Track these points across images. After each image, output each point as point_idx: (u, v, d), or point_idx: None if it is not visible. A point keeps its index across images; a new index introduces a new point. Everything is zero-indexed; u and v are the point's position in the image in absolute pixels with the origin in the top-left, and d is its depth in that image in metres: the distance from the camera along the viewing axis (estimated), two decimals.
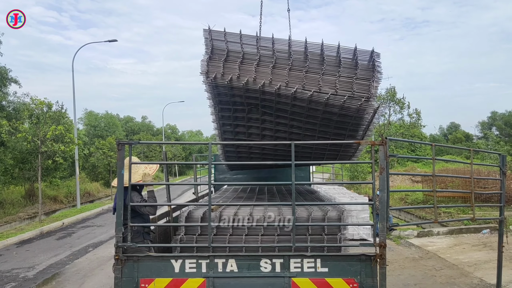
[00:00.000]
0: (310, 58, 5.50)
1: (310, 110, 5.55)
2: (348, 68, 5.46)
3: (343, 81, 5.35)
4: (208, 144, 4.24)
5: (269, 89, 5.38)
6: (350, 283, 4.07)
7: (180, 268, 4.20)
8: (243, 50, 5.61)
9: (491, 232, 13.45)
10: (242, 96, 5.70)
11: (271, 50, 5.64)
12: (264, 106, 5.86)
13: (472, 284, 8.53)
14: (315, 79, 5.38)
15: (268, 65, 5.49)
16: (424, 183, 24.02)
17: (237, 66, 5.47)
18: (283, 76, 5.42)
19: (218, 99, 5.93)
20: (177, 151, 56.18)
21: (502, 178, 5.42)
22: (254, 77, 5.37)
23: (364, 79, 5.36)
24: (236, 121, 6.37)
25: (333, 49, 5.68)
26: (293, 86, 5.29)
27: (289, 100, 5.45)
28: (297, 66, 5.50)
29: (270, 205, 5.31)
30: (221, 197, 7.02)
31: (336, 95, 5.23)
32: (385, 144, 4.02)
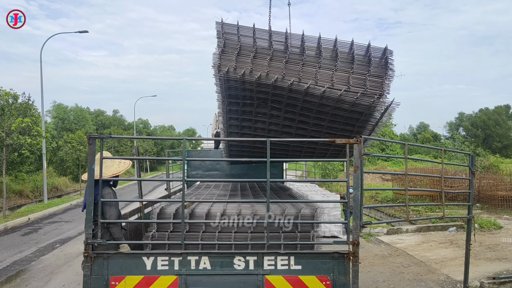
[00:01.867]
0: (323, 54, 5.49)
1: (320, 105, 5.56)
2: (361, 65, 5.49)
3: (356, 77, 5.37)
4: (182, 140, 4.17)
5: (281, 84, 5.34)
6: (323, 281, 4.08)
7: (152, 265, 4.12)
8: (256, 44, 5.55)
9: (457, 230, 13.85)
10: (252, 91, 5.64)
11: (284, 44, 5.61)
12: (273, 101, 5.82)
13: (438, 280, 8.75)
14: (328, 75, 5.39)
15: (281, 60, 5.45)
16: (394, 181, 24.53)
17: (250, 60, 5.41)
18: (295, 71, 5.40)
19: (228, 93, 5.84)
20: (148, 146, 55.39)
21: (471, 178, 5.57)
22: (267, 72, 5.33)
23: (377, 76, 5.39)
24: (243, 115, 6.32)
25: (346, 45, 5.70)
26: (306, 81, 5.28)
27: (300, 95, 5.44)
28: (310, 62, 5.48)
29: (244, 202, 5.28)
30: (193, 194, 6.94)
31: (349, 91, 5.25)
32: (359, 142, 4.04)
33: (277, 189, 8.00)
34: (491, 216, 15.95)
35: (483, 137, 59.70)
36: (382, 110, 5.47)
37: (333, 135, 6.09)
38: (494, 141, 59.53)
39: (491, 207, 17.86)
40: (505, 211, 17.38)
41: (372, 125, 5.84)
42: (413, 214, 16.77)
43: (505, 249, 11.05)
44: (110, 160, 4.79)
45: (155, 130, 75.65)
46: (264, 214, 4.90)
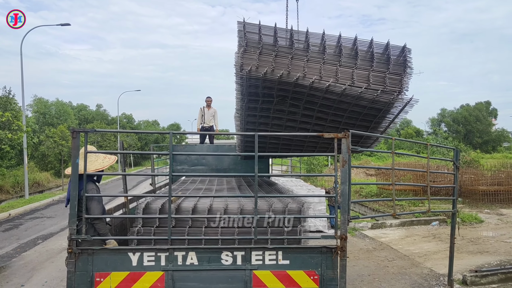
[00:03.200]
0: (344, 53, 5.59)
1: (339, 103, 5.66)
2: (380, 63, 5.61)
3: (376, 75, 5.48)
4: (169, 134, 4.10)
5: (303, 83, 5.41)
6: (311, 275, 4.08)
7: (138, 261, 4.05)
8: (278, 43, 5.60)
9: (440, 224, 14.06)
10: (273, 89, 5.70)
11: (304, 43, 5.67)
12: (293, 98, 5.88)
13: (422, 274, 8.87)
14: (349, 73, 5.50)
15: (302, 59, 5.54)
16: (378, 176, 24.79)
17: (271, 59, 5.47)
18: (316, 69, 5.48)
19: (248, 91, 5.87)
20: (132, 141, 54.83)
21: (455, 172, 5.63)
22: (289, 70, 5.39)
23: (396, 74, 5.51)
24: (261, 112, 6.36)
25: (365, 44, 5.82)
26: (327, 80, 5.37)
27: (321, 93, 5.52)
28: (330, 60, 5.58)
29: (231, 197, 5.24)
30: (179, 189, 6.87)
31: (369, 89, 5.36)
32: (347, 137, 4.04)
33: (263, 184, 7.99)
34: (472, 211, 16.24)
35: (464, 133, 60.74)
36: (400, 107, 5.62)
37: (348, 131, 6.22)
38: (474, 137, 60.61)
39: (472, 202, 18.18)
40: (486, 205, 17.71)
41: (388, 121, 5.99)
42: (396, 208, 16.97)
43: (486, 243, 11.26)
44: (94, 154, 4.69)
45: (139, 125, 74.90)
46: (251, 209, 4.89)
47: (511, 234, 12.29)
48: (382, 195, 19.96)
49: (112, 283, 4.03)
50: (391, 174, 4.75)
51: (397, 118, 5.99)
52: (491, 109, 72.18)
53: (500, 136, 63.96)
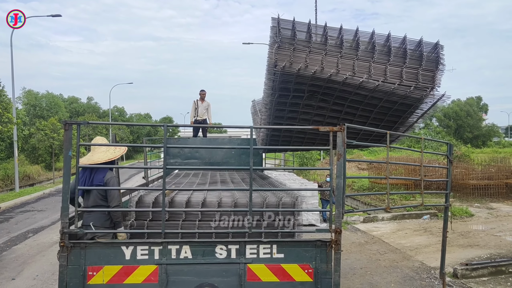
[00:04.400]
0: (377, 49, 5.63)
1: (370, 98, 5.71)
2: (413, 59, 5.68)
3: (409, 71, 5.54)
4: (163, 126, 4.06)
5: (336, 79, 5.44)
6: (305, 269, 4.08)
7: (131, 255, 4.02)
8: (311, 40, 5.61)
9: (431, 218, 14.18)
10: (305, 84, 5.72)
11: (337, 39, 5.70)
12: (323, 94, 5.91)
13: (413, 267, 8.94)
14: (381, 69, 5.55)
15: (335, 55, 5.57)
16: (370, 170, 24.91)
17: (305, 55, 5.48)
18: (349, 65, 5.53)
19: (280, 86, 5.87)
20: (124, 134, 54.51)
21: (448, 166, 5.66)
22: (322, 66, 5.41)
23: (428, 70, 5.57)
24: (291, 107, 6.39)
25: (397, 40, 5.90)
26: (360, 76, 5.41)
27: (353, 89, 5.56)
28: (363, 56, 5.63)
29: (226, 190, 5.21)
30: (173, 182, 6.83)
31: (402, 85, 5.41)
32: (343, 130, 4.03)
33: (257, 178, 7.97)
34: (463, 204, 16.39)
35: (455, 128, 61.16)
36: (430, 103, 5.71)
37: (376, 126, 6.30)
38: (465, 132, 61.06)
39: (462, 196, 18.35)
40: (476, 199, 17.89)
41: (416, 117, 6.09)
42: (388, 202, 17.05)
43: (476, 236, 11.38)
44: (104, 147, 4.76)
45: (131, 118, 74.46)
46: (245, 202, 4.86)
47: (501, 228, 12.43)
48: (374, 189, 20.06)
49: (105, 277, 4.00)
50: (386, 168, 4.75)
51: (426, 114, 6.11)
52: (482, 104, 72.76)
53: (490, 131, 64.51)
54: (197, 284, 4.05)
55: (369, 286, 7.79)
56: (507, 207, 16.26)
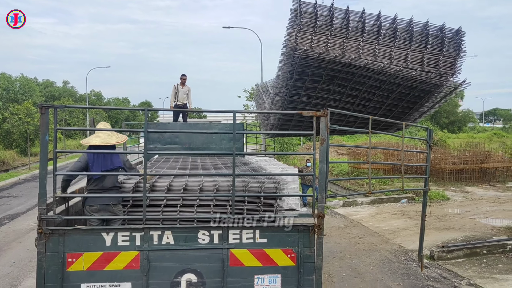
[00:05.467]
0: (399, 34, 5.53)
1: (390, 84, 5.64)
2: (434, 45, 5.59)
3: (430, 57, 5.46)
4: (144, 110, 3.96)
5: (357, 63, 5.33)
6: (288, 253, 4.09)
7: (112, 241, 3.95)
8: (333, 23, 5.47)
9: (409, 201, 14.46)
10: (324, 68, 5.60)
11: (357, 23, 5.58)
12: (341, 79, 5.80)
13: (391, 250, 9.13)
14: (403, 55, 5.46)
15: (357, 39, 5.45)
16: (349, 155, 25.18)
17: (326, 39, 5.34)
18: (371, 50, 5.44)
19: (298, 70, 5.72)
20: (102, 119, 53.53)
21: (428, 151, 5.73)
22: (344, 51, 5.29)
23: (449, 56, 5.51)
24: (306, 91, 6.26)
25: (419, 25, 5.89)
26: (381, 61, 5.32)
27: (373, 74, 5.47)
28: (385, 41, 5.52)
29: (208, 175, 5.16)
30: (153, 167, 6.74)
31: (423, 71, 5.35)
32: (326, 115, 4.01)
33: (238, 163, 7.94)
34: (439, 188, 16.76)
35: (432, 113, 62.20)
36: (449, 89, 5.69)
37: (391, 112, 6.27)
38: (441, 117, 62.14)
39: (439, 180, 18.75)
40: (452, 183, 18.31)
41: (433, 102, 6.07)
42: (367, 187, 17.31)
43: (452, 219, 11.67)
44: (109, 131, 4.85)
45: (109, 102, 73.10)
46: (227, 187, 4.83)
47: (475, 211, 12.78)
48: (353, 174, 20.31)
49: (85, 263, 3.93)
50: (367, 153, 4.77)
51: (444, 100, 6.11)
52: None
53: (465, 117, 65.83)
54: (179, 270, 4.02)
55: (349, 269, 7.92)
56: (481, 191, 16.71)
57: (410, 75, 5.50)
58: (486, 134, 49.57)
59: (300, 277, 4.10)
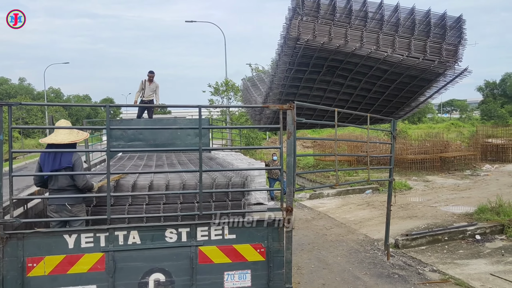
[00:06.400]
0: (401, 23, 5.46)
1: (391, 73, 5.57)
2: (436, 33, 5.56)
3: (432, 46, 5.42)
4: (106, 107, 3.83)
5: (360, 53, 5.22)
6: (257, 248, 4.07)
7: (75, 243, 3.81)
8: (336, 12, 5.31)
9: (373, 192, 14.78)
10: (326, 59, 5.44)
11: (359, 12, 5.46)
12: (342, 69, 5.68)
13: (358, 240, 9.30)
14: (406, 43, 5.40)
15: (360, 28, 5.34)
16: (314, 148, 25.49)
17: (329, 29, 5.19)
18: (373, 39, 5.35)
19: (299, 61, 5.54)
20: (62, 116, 51.82)
21: (392, 142, 5.85)
22: (347, 40, 5.17)
23: (451, 45, 5.49)
24: (305, 83, 6.09)
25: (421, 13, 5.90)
26: (384, 50, 5.24)
27: (375, 63, 5.38)
28: (388, 30, 5.44)
29: (174, 172, 5.07)
30: (117, 165, 6.56)
31: (425, 59, 5.31)
32: (292, 108, 4.00)
33: (205, 159, 7.85)
34: (402, 178, 17.21)
35: None
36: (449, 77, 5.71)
37: (390, 102, 6.25)
38: None
39: (401, 170, 19.26)
40: (413, 173, 18.86)
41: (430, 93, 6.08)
42: (332, 178, 17.58)
43: (414, 208, 12.01)
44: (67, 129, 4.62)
45: (69, 99, 70.84)
46: (194, 184, 4.76)
47: (436, 199, 13.21)
48: (318, 166, 20.57)
49: (47, 267, 3.77)
50: (334, 145, 4.81)
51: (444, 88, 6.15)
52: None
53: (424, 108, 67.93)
54: (146, 270, 3.93)
55: (317, 261, 8.01)
56: (441, 179, 17.29)
57: (414, 63, 5.56)
58: (444, 124, 51.43)
59: (270, 271, 4.10)
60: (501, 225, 9.21)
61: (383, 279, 7.00)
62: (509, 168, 19.00)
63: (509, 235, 8.86)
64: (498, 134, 24.22)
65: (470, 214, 10.56)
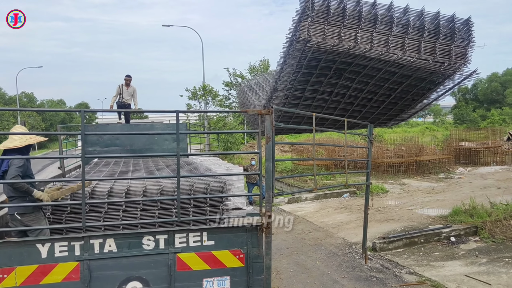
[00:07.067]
0: (411, 25, 5.41)
1: (400, 76, 5.51)
2: (446, 35, 5.52)
3: (442, 48, 5.39)
4: (81, 112, 3.74)
5: (370, 55, 5.14)
6: (236, 254, 4.04)
7: (48, 252, 3.69)
8: (345, 13, 5.22)
9: (350, 196, 14.92)
10: (334, 61, 5.33)
11: (369, 14, 5.39)
12: (350, 72, 5.59)
13: (336, 243, 9.35)
14: (415, 45, 5.36)
15: (370, 30, 5.26)
16: (292, 152, 25.60)
17: (339, 31, 5.10)
18: (383, 41, 5.28)
19: (306, 64, 5.41)
20: (35, 122, 50.71)
21: (369, 146, 5.91)
22: (357, 42, 5.09)
23: (460, 47, 5.49)
24: (311, 86, 5.96)
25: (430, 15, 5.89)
26: (394, 52, 5.19)
27: (384, 65, 5.32)
28: (398, 32, 5.38)
29: (151, 178, 4.99)
30: (92, 171, 6.42)
31: (436, 61, 5.28)
32: (271, 113, 3.99)
33: (182, 164, 7.78)
34: (379, 182, 17.44)
35: None
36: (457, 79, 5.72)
37: (395, 104, 6.22)
38: None
39: (378, 173, 19.52)
40: (390, 176, 19.13)
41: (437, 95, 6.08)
42: (310, 183, 17.67)
43: (391, 211, 12.17)
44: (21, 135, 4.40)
45: (42, 104, 69.32)
46: (172, 189, 4.70)
47: (412, 202, 13.42)
48: (296, 171, 20.65)
49: (18, 278, 3.64)
50: (313, 149, 4.83)
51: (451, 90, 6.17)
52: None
53: None
54: (123, 279, 3.84)
55: (296, 265, 8.01)
56: (416, 182, 17.59)
57: (423, 66, 5.58)
58: (419, 128, 52.44)
59: (249, 277, 4.06)
60: (475, 227, 9.42)
61: (361, 282, 7.05)
62: (482, 171, 19.47)
63: (483, 236, 9.06)
64: (470, 138, 24.82)
65: (445, 217, 10.76)
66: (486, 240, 8.92)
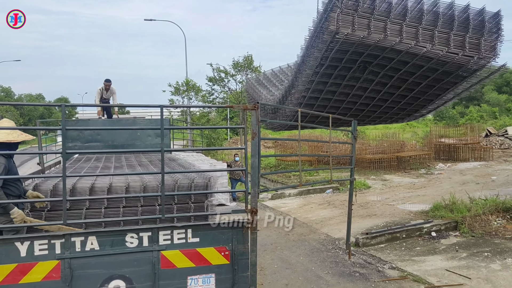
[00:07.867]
0: (441, 17, 5.27)
1: (427, 70, 5.36)
2: (475, 29, 5.39)
3: (471, 41, 5.27)
4: (61, 106, 3.63)
5: (399, 48, 5.00)
6: (221, 251, 4.00)
7: (28, 251, 3.58)
8: (375, 4, 5.06)
9: (333, 191, 15.01)
10: (361, 54, 5.16)
11: (397, 6, 5.23)
12: (376, 65, 5.42)
13: (319, 239, 9.40)
14: (445, 38, 5.21)
15: (399, 22, 5.09)
16: (276, 148, 25.65)
17: (368, 23, 4.93)
18: (412, 34, 5.12)
19: (332, 56, 5.22)
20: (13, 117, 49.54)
21: (353, 142, 5.93)
22: (386, 34, 4.93)
23: (489, 40, 5.38)
24: (335, 79, 5.76)
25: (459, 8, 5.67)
26: (423, 45, 5.05)
27: (412, 59, 5.18)
28: (428, 25, 5.24)
29: (134, 174, 4.91)
30: (73, 167, 6.29)
31: (465, 55, 5.18)
32: (257, 109, 3.95)
33: (166, 160, 7.68)
34: (361, 177, 17.58)
35: None
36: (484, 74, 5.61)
37: (417, 99, 6.10)
38: None
39: (360, 169, 19.69)
40: (372, 172, 19.33)
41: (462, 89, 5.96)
42: (294, 179, 17.73)
43: (374, 207, 12.28)
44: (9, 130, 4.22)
45: (20, 98, 67.84)
46: (156, 186, 4.63)
47: (394, 197, 13.57)
48: (280, 167, 20.69)
49: None
50: (298, 145, 4.81)
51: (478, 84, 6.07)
52: None
53: None
54: (106, 277, 3.76)
55: (280, 261, 8.02)
56: (398, 178, 17.81)
57: (453, 59, 5.48)
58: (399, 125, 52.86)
59: (234, 274, 4.03)
60: (455, 221, 9.57)
61: (344, 278, 7.09)
62: (461, 167, 19.83)
63: (463, 231, 9.21)
64: (450, 134, 25.25)
65: (426, 212, 10.91)
66: (466, 235, 9.08)
